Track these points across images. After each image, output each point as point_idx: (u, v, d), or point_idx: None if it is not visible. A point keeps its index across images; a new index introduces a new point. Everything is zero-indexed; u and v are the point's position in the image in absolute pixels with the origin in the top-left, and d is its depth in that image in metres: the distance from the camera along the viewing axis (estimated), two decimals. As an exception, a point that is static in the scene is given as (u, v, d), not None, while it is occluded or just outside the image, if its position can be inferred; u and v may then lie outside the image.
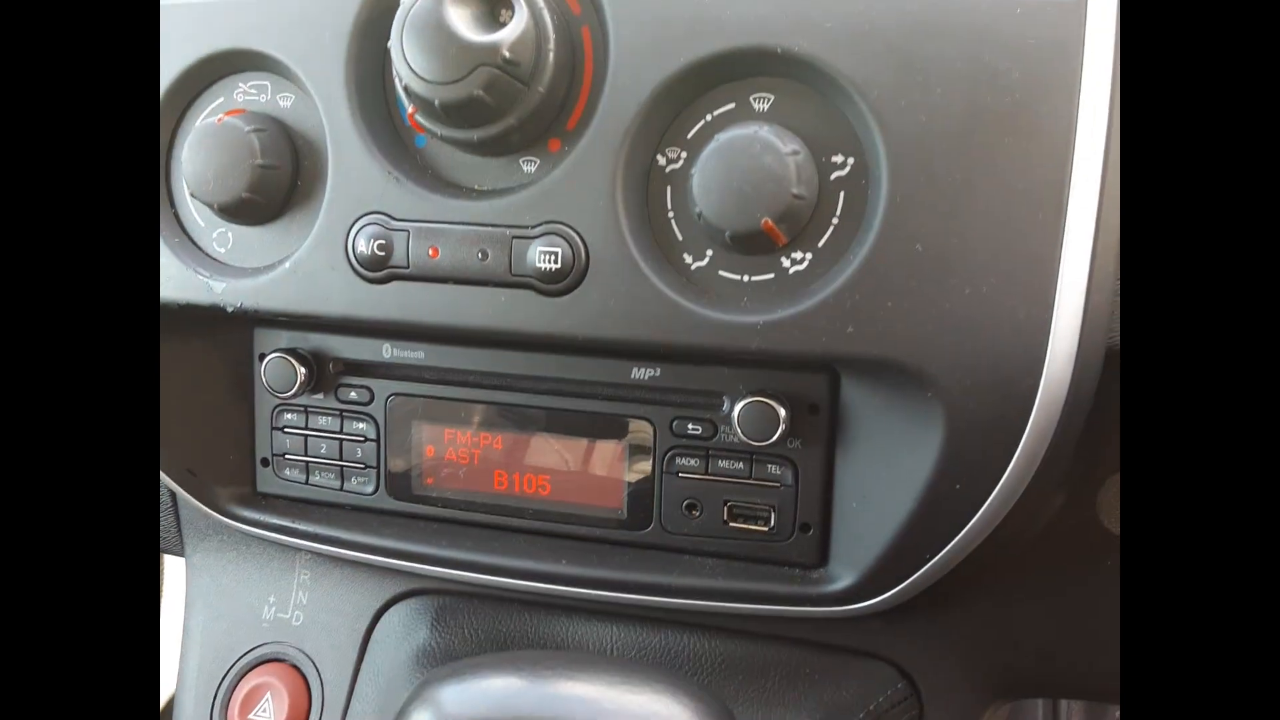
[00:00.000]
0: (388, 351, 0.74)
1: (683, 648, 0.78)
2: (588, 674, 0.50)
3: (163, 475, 0.78)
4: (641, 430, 0.70)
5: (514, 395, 0.72)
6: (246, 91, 0.68)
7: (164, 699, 1.38)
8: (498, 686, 0.49)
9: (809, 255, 0.58)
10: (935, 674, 0.75)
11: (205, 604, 0.89)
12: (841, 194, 0.58)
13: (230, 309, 0.67)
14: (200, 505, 0.79)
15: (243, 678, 0.86)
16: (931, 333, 0.56)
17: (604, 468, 0.72)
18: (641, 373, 0.69)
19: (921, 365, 0.56)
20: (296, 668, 0.86)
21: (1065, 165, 0.54)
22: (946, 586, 0.67)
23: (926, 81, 0.55)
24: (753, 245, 0.58)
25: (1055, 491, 0.69)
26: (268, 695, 0.85)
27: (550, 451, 0.73)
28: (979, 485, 0.60)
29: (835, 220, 0.58)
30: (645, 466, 0.71)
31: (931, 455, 0.59)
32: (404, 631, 0.83)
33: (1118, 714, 1.19)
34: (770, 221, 0.55)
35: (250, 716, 0.84)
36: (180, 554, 0.93)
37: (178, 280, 0.68)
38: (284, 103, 0.67)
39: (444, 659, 0.80)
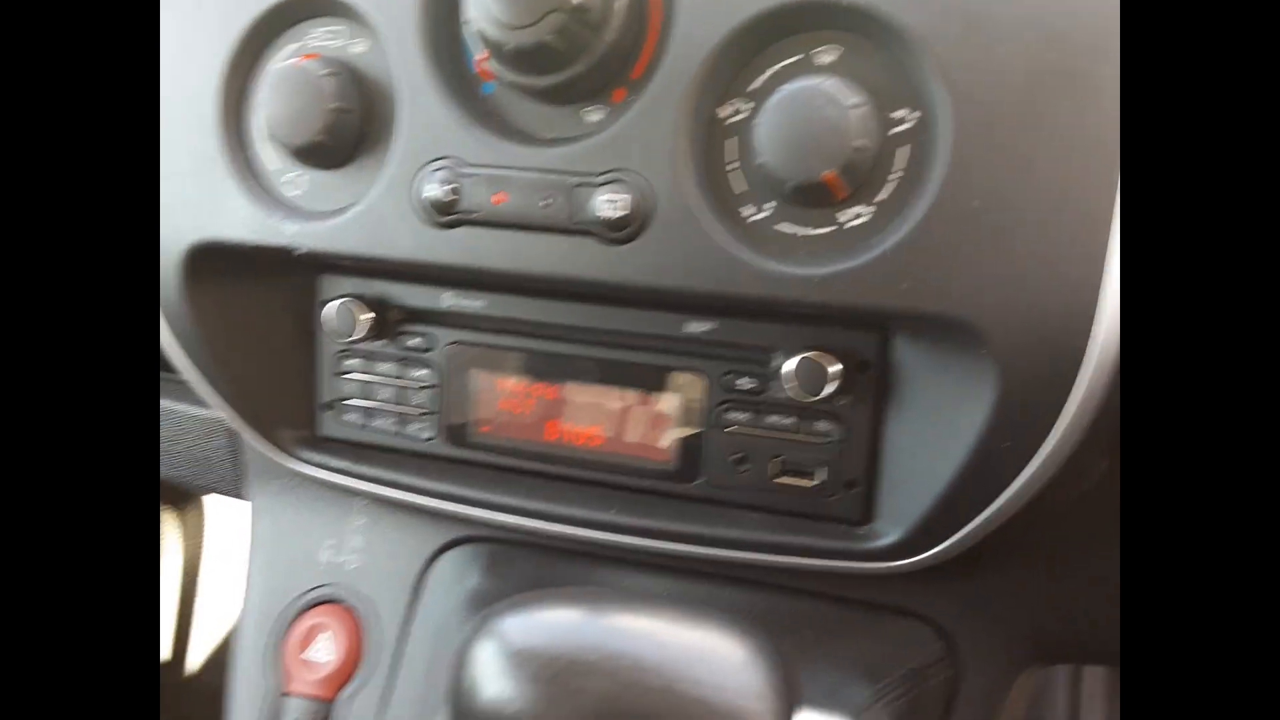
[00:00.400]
0: (448, 300, 0.76)
1: (724, 600, 0.79)
2: (647, 610, 0.52)
3: (229, 416, 0.81)
4: (694, 383, 0.72)
5: (570, 346, 0.74)
6: (320, 37, 0.69)
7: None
8: (561, 618, 0.51)
9: (869, 210, 0.59)
10: (973, 635, 0.76)
11: (265, 546, 0.92)
12: (903, 149, 0.58)
13: (300, 251, 0.69)
14: (265, 447, 0.82)
15: (299, 617, 0.89)
16: (987, 289, 0.56)
17: (655, 420, 0.73)
18: (695, 326, 0.70)
19: (977, 322, 0.57)
20: (351, 609, 0.89)
21: (1119, 127, 0.55)
22: (988, 547, 0.67)
23: (992, 37, 0.55)
24: (814, 198, 0.58)
25: (1102, 454, 0.69)
26: (323, 635, 0.88)
27: (602, 402, 0.75)
28: (1028, 444, 0.60)
29: (896, 175, 0.58)
30: (696, 420, 0.72)
31: (982, 413, 0.60)
32: (456, 576, 0.85)
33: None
34: (831, 174, 0.56)
35: (306, 654, 0.87)
36: (244, 498, 0.96)
37: (250, 222, 0.70)
38: (357, 48, 0.69)
39: (495, 603, 0.82)
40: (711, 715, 0.48)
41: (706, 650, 0.50)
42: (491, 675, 0.50)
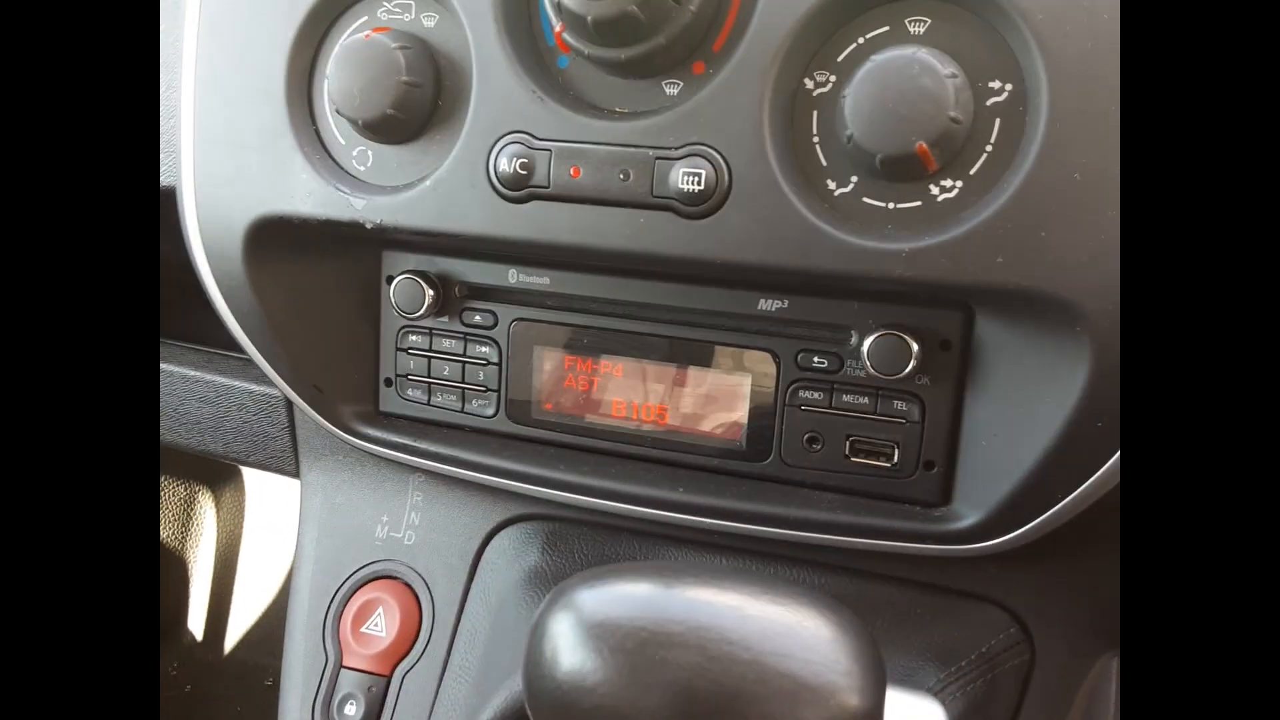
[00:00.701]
0: (514, 277, 0.75)
1: (791, 582, 0.79)
2: (730, 583, 0.50)
3: (289, 392, 0.81)
4: (765, 362, 0.70)
5: (637, 324, 0.73)
6: (391, 10, 0.68)
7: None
8: (641, 590, 0.50)
9: (960, 183, 0.57)
10: (1049, 621, 0.74)
11: (318, 522, 0.92)
12: (998, 121, 0.57)
13: (370, 225, 0.68)
14: (325, 421, 0.81)
15: (356, 592, 0.89)
16: (1084, 264, 0.55)
17: (725, 398, 0.72)
18: (769, 304, 0.69)
19: (1074, 298, 0.55)
20: (408, 585, 0.88)
21: None
22: (1067, 533, 0.66)
23: (1091, 6, 0.54)
24: (903, 170, 0.57)
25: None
26: (380, 609, 0.87)
27: (671, 381, 0.74)
28: (1118, 426, 0.59)
29: (990, 148, 0.57)
30: (767, 398, 0.71)
31: (1074, 393, 0.58)
32: (514, 554, 0.85)
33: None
34: (925, 145, 0.55)
35: (363, 629, 0.87)
36: (295, 475, 0.96)
37: (318, 196, 0.70)
38: (428, 22, 0.68)
39: (555, 581, 0.81)
40: (801, 690, 0.47)
41: (794, 624, 0.49)
42: (571, 646, 0.49)
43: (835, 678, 0.47)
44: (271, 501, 1.80)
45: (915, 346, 0.64)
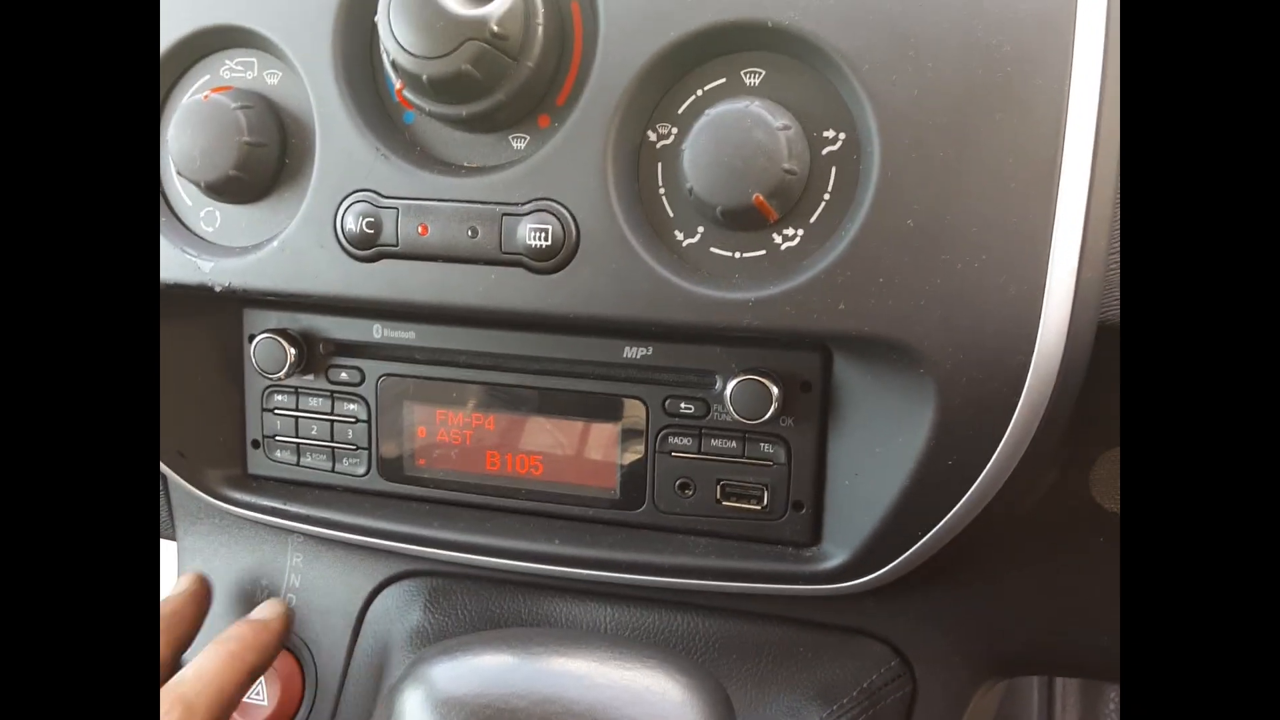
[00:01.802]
0: (378, 332, 0.74)
1: (676, 628, 0.78)
2: (580, 650, 0.50)
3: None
4: (634, 409, 0.70)
5: (506, 375, 0.72)
6: (233, 68, 0.67)
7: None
8: (490, 663, 0.49)
9: (800, 231, 0.58)
10: (929, 652, 0.75)
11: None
12: (833, 169, 0.57)
13: (218, 288, 0.67)
14: (191, 487, 0.79)
15: (236, 660, 0.86)
16: (923, 309, 0.56)
17: (596, 447, 0.72)
18: (634, 351, 0.68)
19: (913, 342, 0.56)
20: (290, 650, 0.86)
21: (1057, 141, 0.54)
22: (940, 564, 0.67)
23: (919, 55, 0.55)
24: (744, 221, 0.57)
25: (1048, 468, 0.69)
26: (261, 678, 0.84)
27: (542, 432, 0.73)
28: (971, 461, 0.60)
29: (827, 196, 0.57)
30: (638, 446, 0.71)
31: (923, 432, 0.59)
32: (398, 613, 0.83)
33: (1113, 692, 1.20)
34: (761, 197, 0.55)
35: (245, 698, 0.84)
36: (171, 538, 0.93)
37: (166, 259, 0.67)
38: (271, 79, 0.66)
39: (438, 640, 0.80)
40: None
41: (641, 690, 0.48)
42: None
43: (682, 743, 0.46)
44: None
45: (775, 390, 0.64)
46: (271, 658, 0.77)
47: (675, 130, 0.59)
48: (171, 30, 0.66)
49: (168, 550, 0.94)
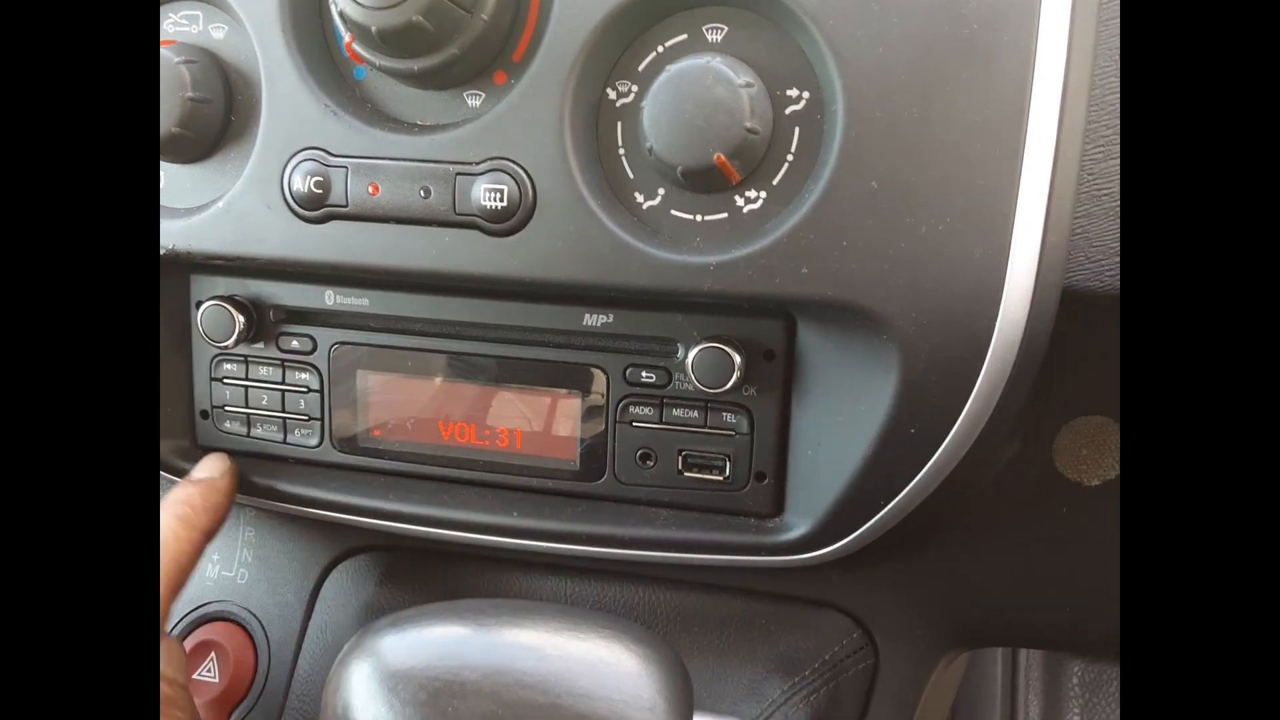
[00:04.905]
0: (330, 298, 0.71)
1: (638, 601, 0.77)
2: (533, 621, 0.48)
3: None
4: (595, 378, 0.69)
5: (463, 343, 0.70)
6: (178, 22, 0.64)
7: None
8: (439, 635, 0.48)
9: (763, 193, 0.56)
10: (890, 623, 0.75)
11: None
12: (796, 129, 0.56)
13: (163, 251, 0.64)
14: (137, 459, 0.76)
15: (186, 636, 0.84)
16: (886, 273, 0.54)
17: (556, 417, 0.70)
18: (594, 319, 0.67)
19: (876, 306, 0.55)
20: (242, 626, 0.84)
21: (1023, 100, 0.53)
22: (902, 536, 0.66)
23: (884, 10, 0.53)
24: (705, 182, 0.56)
25: (1010, 438, 0.68)
26: (212, 654, 0.82)
27: (500, 401, 0.71)
28: (933, 430, 0.59)
29: (790, 157, 0.56)
30: (599, 416, 0.69)
31: (886, 399, 0.58)
32: (352, 588, 0.81)
33: (1076, 665, 1.21)
34: (723, 156, 0.53)
35: (195, 675, 0.82)
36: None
37: (106, 222, 0.65)
38: (217, 34, 0.63)
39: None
40: None
41: (594, 661, 0.47)
42: (365, 698, 0.46)
43: (636, 714, 0.45)
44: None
45: (738, 358, 0.62)
46: (223, 518, 0.72)
47: (635, 88, 0.57)
48: None
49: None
